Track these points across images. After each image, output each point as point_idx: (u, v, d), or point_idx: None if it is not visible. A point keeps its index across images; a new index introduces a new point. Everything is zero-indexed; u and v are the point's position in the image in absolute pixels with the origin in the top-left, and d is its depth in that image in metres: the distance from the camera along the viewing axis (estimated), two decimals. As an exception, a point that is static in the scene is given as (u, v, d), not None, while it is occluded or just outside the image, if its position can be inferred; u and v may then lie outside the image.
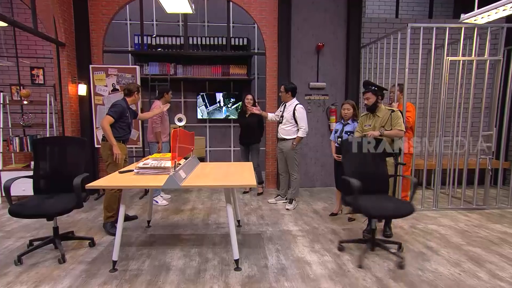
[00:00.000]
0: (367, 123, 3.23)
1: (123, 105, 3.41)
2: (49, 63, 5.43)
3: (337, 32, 5.11)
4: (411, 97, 5.03)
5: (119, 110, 3.35)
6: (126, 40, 5.81)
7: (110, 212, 3.31)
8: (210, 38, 5.42)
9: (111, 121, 3.29)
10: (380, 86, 3.12)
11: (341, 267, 2.58)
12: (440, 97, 4.01)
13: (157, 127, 4.29)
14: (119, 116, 3.35)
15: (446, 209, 4.11)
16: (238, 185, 2.51)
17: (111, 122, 3.29)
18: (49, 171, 2.88)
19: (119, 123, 3.37)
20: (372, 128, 3.15)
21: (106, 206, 3.31)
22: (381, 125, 3.11)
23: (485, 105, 4.05)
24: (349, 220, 3.66)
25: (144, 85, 5.15)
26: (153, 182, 2.43)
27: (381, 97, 3.13)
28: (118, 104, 3.39)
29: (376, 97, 3.10)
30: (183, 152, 2.95)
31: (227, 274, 2.45)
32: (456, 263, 2.66)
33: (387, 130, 3.08)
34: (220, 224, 3.58)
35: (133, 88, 3.52)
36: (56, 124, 4.63)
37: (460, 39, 3.89)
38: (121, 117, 3.38)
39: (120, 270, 2.50)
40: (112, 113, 3.31)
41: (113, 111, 3.32)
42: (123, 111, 3.40)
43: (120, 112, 3.36)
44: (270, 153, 5.24)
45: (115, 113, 3.31)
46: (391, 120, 3.06)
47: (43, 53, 5.49)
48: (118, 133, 3.40)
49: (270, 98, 5.14)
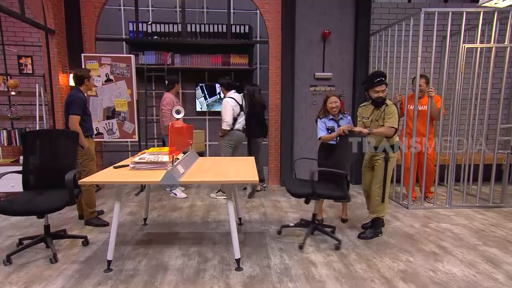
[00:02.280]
0: (365, 115, 3.22)
1: (81, 96, 3.29)
2: (37, 51, 5.40)
3: (344, 19, 5.05)
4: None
5: (81, 103, 3.25)
6: (120, 28, 5.78)
7: (92, 208, 3.40)
8: (210, 26, 5.38)
9: (79, 119, 3.22)
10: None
11: (347, 267, 2.58)
12: (455, 87, 3.97)
13: (167, 120, 4.33)
14: (82, 111, 3.26)
15: (460, 207, 4.09)
16: (239, 180, 2.51)
17: (79, 120, 3.22)
18: (40, 166, 2.88)
19: (83, 117, 3.28)
20: (371, 121, 3.16)
21: (87, 203, 3.39)
22: (377, 118, 3.11)
23: (504, 96, 4.00)
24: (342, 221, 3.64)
25: (140, 75, 5.13)
26: (149, 178, 2.43)
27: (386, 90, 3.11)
28: (77, 96, 3.24)
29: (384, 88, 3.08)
30: (181, 146, 2.94)
31: (227, 275, 2.45)
32: (471, 264, 2.65)
33: (380, 126, 3.07)
34: (221, 222, 3.58)
35: (84, 75, 3.34)
36: (46, 116, 4.63)
37: (478, 25, 3.83)
38: (84, 110, 3.30)
39: (115, 270, 2.51)
40: (75, 110, 3.19)
41: (74, 108, 3.19)
42: (84, 102, 3.30)
43: (83, 105, 3.27)
44: (273, 147, 5.22)
45: (78, 110, 3.21)
46: (384, 114, 3.04)
47: (31, 40, 5.46)
48: (85, 128, 3.31)
49: (273, 89, 5.11)
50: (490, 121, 4.85)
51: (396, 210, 4.01)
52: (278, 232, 3.29)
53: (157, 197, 4.55)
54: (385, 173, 3.10)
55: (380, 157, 3.12)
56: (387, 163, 3.08)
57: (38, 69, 5.45)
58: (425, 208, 4.05)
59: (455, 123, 3.99)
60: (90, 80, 3.42)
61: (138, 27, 5.22)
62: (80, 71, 3.39)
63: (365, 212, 3.84)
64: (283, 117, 5.10)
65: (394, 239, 3.14)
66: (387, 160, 3.08)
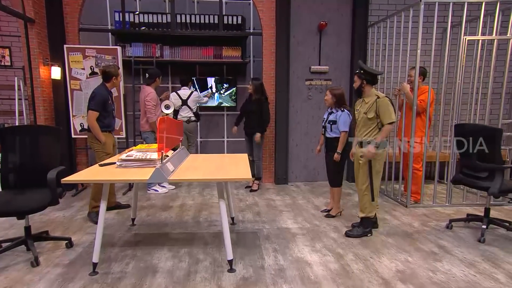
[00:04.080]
0: (357, 108, 3.30)
1: (102, 93, 3.45)
2: (16, 42, 5.30)
3: (342, 9, 5.06)
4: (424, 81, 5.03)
5: (101, 100, 3.41)
6: (106, 17, 5.70)
7: (98, 202, 3.41)
8: (200, 16, 5.33)
9: (97, 115, 3.39)
10: (369, 70, 3.11)
11: (344, 267, 2.60)
12: (456, 81, 4.00)
13: (153, 116, 4.41)
14: (102, 107, 3.41)
15: (460, 205, 4.14)
16: (231, 178, 2.51)
17: (97, 116, 3.39)
18: (20, 164, 2.84)
19: (103, 114, 3.45)
20: (360, 113, 3.22)
21: (93, 196, 3.50)
22: (366, 111, 3.14)
23: (506, 90, 4.05)
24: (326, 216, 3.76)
25: (127, 68, 5.08)
26: (137, 176, 2.41)
27: (365, 82, 3.12)
28: (98, 93, 3.43)
29: (361, 81, 3.14)
30: (170, 143, 2.92)
31: (220, 276, 2.45)
32: (471, 263, 2.69)
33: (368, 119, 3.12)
34: (212, 221, 3.58)
35: (112, 72, 3.52)
36: (26, 111, 4.57)
37: (480, 16, 3.86)
38: (104, 107, 3.45)
39: (101, 273, 2.49)
40: (94, 106, 3.38)
41: (94, 104, 3.38)
42: (105, 99, 3.46)
43: (102, 102, 3.42)
44: (267, 143, 5.22)
45: (97, 105, 3.39)
46: (376, 108, 3.06)
47: (8, 30, 5.35)
48: (104, 124, 3.50)
49: (268, 83, 5.10)
50: (491, 116, 4.90)
51: (395, 208, 4.05)
52: (447, 226, 3.42)
53: (145, 196, 4.52)
54: (370, 171, 3.13)
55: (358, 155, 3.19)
56: (371, 160, 3.11)
57: (17, 61, 5.36)
58: (424, 206, 4.09)
59: (455, 119, 4.03)
60: (118, 77, 3.59)
61: (125, 17, 5.15)
62: (108, 67, 3.54)
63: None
64: (277, 112, 5.11)
65: (392, 238, 3.17)
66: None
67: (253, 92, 4.60)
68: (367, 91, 3.16)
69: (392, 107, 3.05)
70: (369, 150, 3.05)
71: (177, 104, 4.87)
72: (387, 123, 3.02)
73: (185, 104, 4.88)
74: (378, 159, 3.12)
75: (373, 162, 3.11)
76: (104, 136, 3.50)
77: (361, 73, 3.13)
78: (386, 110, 3.02)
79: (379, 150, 3.09)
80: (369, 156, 3.07)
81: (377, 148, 3.07)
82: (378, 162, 3.14)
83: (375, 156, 3.08)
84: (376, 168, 3.14)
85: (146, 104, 4.39)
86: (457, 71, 3.96)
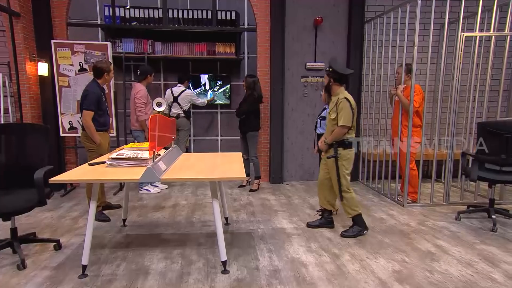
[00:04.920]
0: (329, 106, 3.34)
1: (95, 91, 3.42)
2: (1, 36, 5.23)
3: (338, 5, 5.06)
4: (421, 78, 5.07)
5: (94, 99, 3.38)
6: (95, 12, 5.65)
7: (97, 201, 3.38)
8: (193, 11, 5.31)
9: (92, 115, 3.37)
10: (336, 69, 3.10)
11: (340, 268, 2.61)
12: (453, 78, 4.03)
13: (142, 115, 4.39)
14: (96, 106, 3.39)
15: (458, 204, 4.18)
16: (225, 178, 2.50)
17: (92, 115, 3.37)
18: (5, 164, 2.80)
19: (97, 112, 3.43)
20: (329, 112, 3.23)
21: (90, 196, 3.42)
22: (330, 111, 3.18)
23: (503, 87, 4.08)
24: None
25: (118, 64, 5.03)
26: (128, 175, 2.39)
27: (332, 80, 3.13)
28: (90, 91, 3.40)
29: (329, 79, 3.15)
30: (163, 142, 2.91)
31: (213, 278, 2.45)
32: (468, 263, 2.71)
33: (331, 120, 3.14)
34: (206, 222, 3.58)
35: (104, 67, 3.49)
36: (12, 109, 4.51)
37: (478, 12, 3.89)
38: (98, 105, 3.42)
39: (91, 276, 2.47)
40: (89, 105, 3.35)
41: (88, 103, 3.35)
42: (98, 97, 3.42)
43: (96, 101, 3.40)
44: (262, 142, 5.22)
45: (91, 104, 3.36)
46: (336, 109, 3.08)
47: (-7, 25, 5.28)
48: (100, 123, 3.48)
49: (262, 80, 5.09)
50: (489, 114, 4.96)
51: (391, 207, 4.07)
52: (456, 218, 3.65)
53: (137, 196, 4.50)
54: (338, 172, 3.14)
55: (329, 154, 3.19)
56: (337, 161, 3.12)
57: (2, 56, 5.28)
58: (421, 205, 4.12)
59: (452, 116, 4.06)
60: (110, 73, 3.55)
61: (115, 11, 5.11)
62: (100, 62, 3.50)
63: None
64: (272, 110, 5.11)
65: (389, 238, 3.19)
66: (336, 158, 3.12)
67: (245, 88, 4.64)
68: (334, 90, 3.17)
69: (349, 110, 3.02)
70: (320, 145, 3.28)
71: (169, 101, 4.95)
72: (340, 125, 3.04)
73: (176, 101, 4.90)
74: (344, 159, 3.14)
75: (340, 162, 3.13)
76: (100, 136, 3.47)
77: (329, 71, 3.14)
78: (342, 112, 3.02)
79: (344, 150, 3.12)
80: (322, 148, 3.28)
81: (343, 149, 3.11)
82: (347, 163, 3.15)
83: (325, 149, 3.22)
84: (343, 170, 3.14)
85: (136, 101, 4.37)
86: (455, 68, 3.98)
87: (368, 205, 4.20)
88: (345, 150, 3.11)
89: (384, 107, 4.81)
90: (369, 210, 3.99)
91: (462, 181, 4.39)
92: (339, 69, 3.12)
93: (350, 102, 3.04)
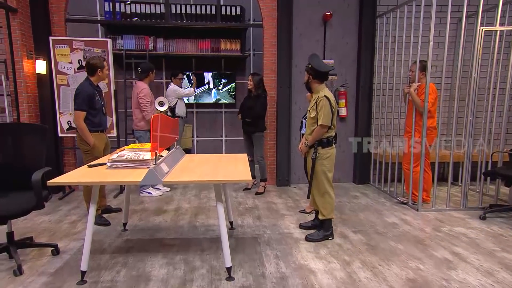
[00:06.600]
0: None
1: (86, 89, 3.39)
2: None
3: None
4: (436, 75, 5.03)
5: (85, 97, 3.35)
6: (95, 7, 5.70)
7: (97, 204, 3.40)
8: (197, 7, 5.33)
9: (83, 115, 3.35)
10: (313, 65, 3.08)
11: (351, 276, 2.59)
12: (471, 75, 3.99)
13: (148, 113, 4.39)
14: (88, 105, 3.37)
15: (476, 208, 4.13)
16: (230, 180, 2.50)
17: (84, 116, 3.34)
18: (2, 165, 2.83)
19: (90, 112, 3.40)
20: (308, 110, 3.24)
21: (87, 199, 3.46)
22: (309, 108, 3.18)
23: (525, 85, 4.03)
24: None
25: (118, 62, 5.07)
26: (129, 177, 2.40)
27: (311, 77, 3.13)
28: (81, 90, 3.37)
29: (308, 76, 3.15)
30: (165, 142, 2.92)
31: (217, 285, 2.44)
32: (488, 272, 2.68)
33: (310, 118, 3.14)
34: (210, 226, 3.58)
35: (97, 63, 3.45)
36: (9, 108, 4.56)
37: (499, 5, 3.85)
38: (90, 105, 3.40)
39: (90, 282, 2.48)
40: (79, 105, 3.33)
41: (79, 103, 3.33)
42: (91, 96, 3.40)
43: (88, 99, 3.37)
44: (268, 143, 5.22)
45: (82, 104, 3.33)
46: (316, 107, 3.07)
47: (-12, 21, 5.34)
48: (94, 124, 3.45)
49: (269, 78, 5.09)
50: (510, 113, 4.89)
51: (405, 212, 4.04)
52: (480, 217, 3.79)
53: (138, 199, 4.52)
54: (313, 169, 3.14)
55: (309, 152, 3.20)
56: (315, 160, 3.11)
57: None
58: (436, 210, 4.08)
59: (470, 116, 4.02)
60: (103, 70, 3.51)
61: (115, 7, 5.15)
62: (92, 59, 3.47)
63: (368, 214, 3.89)
64: (279, 110, 5.10)
65: (403, 244, 3.16)
66: (314, 158, 3.11)
67: (253, 88, 4.58)
68: (314, 87, 3.17)
69: (329, 109, 3.01)
70: (301, 146, 3.28)
71: None
72: (319, 124, 3.03)
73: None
74: (324, 158, 3.13)
75: (319, 161, 3.12)
76: (95, 137, 3.47)
77: (308, 67, 3.14)
78: (321, 111, 3.01)
79: (323, 149, 3.11)
80: (302, 150, 3.28)
81: (322, 148, 3.11)
82: (327, 161, 3.14)
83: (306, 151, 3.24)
84: (323, 168, 3.13)
85: (140, 101, 4.38)
86: (473, 64, 3.94)
87: (379, 209, 4.17)
88: (324, 149, 3.12)
89: (397, 106, 4.77)
90: (380, 214, 3.96)
91: (481, 184, 4.33)
92: (317, 66, 3.10)
93: (330, 100, 3.04)
